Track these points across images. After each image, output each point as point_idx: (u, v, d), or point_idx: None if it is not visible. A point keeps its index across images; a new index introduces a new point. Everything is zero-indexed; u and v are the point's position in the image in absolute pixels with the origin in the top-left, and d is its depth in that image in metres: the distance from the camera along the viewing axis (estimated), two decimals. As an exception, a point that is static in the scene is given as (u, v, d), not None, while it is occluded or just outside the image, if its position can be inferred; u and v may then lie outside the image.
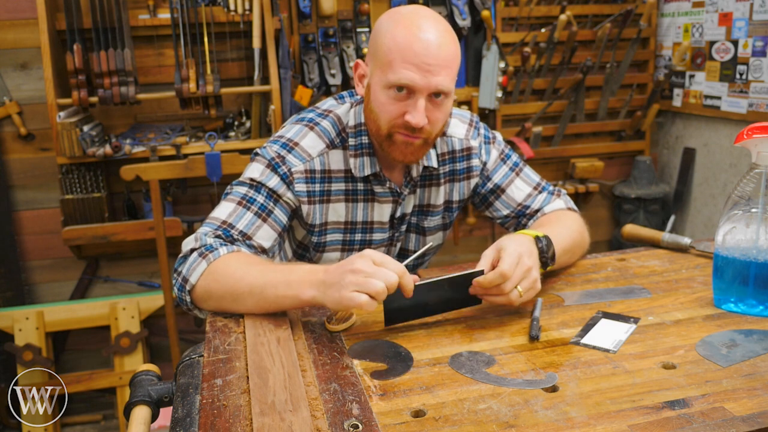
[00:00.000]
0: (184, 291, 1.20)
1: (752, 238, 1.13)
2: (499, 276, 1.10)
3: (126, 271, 2.90)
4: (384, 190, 1.38)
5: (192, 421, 0.87)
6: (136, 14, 2.60)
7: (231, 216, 1.26)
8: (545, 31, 2.96)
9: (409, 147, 1.26)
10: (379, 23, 1.25)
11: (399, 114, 1.22)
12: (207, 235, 1.23)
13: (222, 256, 1.18)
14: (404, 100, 1.21)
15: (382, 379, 0.95)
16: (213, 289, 1.16)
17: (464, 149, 1.45)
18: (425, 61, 1.17)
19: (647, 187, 3.16)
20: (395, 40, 1.19)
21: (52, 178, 2.72)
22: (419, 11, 1.23)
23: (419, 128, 1.22)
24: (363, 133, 1.33)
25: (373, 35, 1.26)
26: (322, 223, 1.37)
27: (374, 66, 1.24)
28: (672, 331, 1.09)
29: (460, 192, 1.48)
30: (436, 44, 1.18)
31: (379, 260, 1.04)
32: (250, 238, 1.26)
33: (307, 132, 1.34)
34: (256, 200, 1.29)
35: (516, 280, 1.12)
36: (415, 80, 1.18)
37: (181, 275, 1.20)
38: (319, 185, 1.34)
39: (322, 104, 1.41)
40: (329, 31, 2.72)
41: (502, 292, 1.12)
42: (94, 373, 2.69)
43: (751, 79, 2.66)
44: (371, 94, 1.26)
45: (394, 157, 1.29)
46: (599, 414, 0.84)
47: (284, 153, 1.31)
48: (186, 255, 1.22)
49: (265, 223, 1.28)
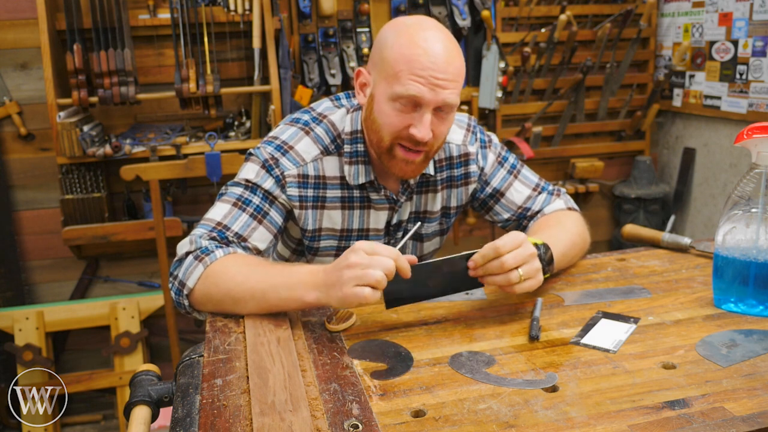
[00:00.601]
0: (182, 295, 1.19)
1: (752, 238, 1.13)
2: (492, 249, 1.09)
3: (126, 271, 2.91)
4: (380, 197, 1.36)
5: (192, 421, 0.87)
6: (136, 14, 2.60)
7: (226, 218, 1.25)
8: (545, 31, 2.96)
9: (409, 165, 1.25)
10: (383, 33, 1.24)
11: (403, 126, 1.21)
12: (202, 237, 1.22)
13: (219, 259, 1.18)
14: (409, 113, 1.20)
15: (382, 379, 0.95)
16: (212, 292, 1.16)
17: (462, 155, 1.44)
18: (434, 75, 1.16)
19: (647, 187, 3.16)
20: (402, 52, 1.17)
21: (52, 178, 2.72)
22: (424, 22, 1.22)
23: (423, 142, 1.21)
24: (359, 141, 1.32)
25: (377, 45, 1.24)
26: (315, 229, 1.36)
27: (379, 76, 1.22)
28: (672, 331, 1.09)
29: (458, 198, 1.47)
30: (445, 59, 1.17)
31: (371, 249, 1.04)
32: (246, 240, 1.25)
33: (303, 136, 1.32)
34: (252, 202, 1.28)
35: (516, 260, 1.10)
36: (423, 93, 1.17)
37: (178, 279, 1.19)
38: (312, 191, 1.32)
39: (317, 105, 1.39)
40: (329, 31, 2.72)
41: (501, 268, 1.09)
42: (94, 373, 2.69)
43: (751, 79, 2.66)
44: (375, 104, 1.24)
45: (392, 173, 1.28)
46: (599, 414, 0.84)
47: (278, 155, 1.30)
48: (181, 259, 1.21)
49: (260, 225, 1.27)
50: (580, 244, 1.39)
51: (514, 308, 1.20)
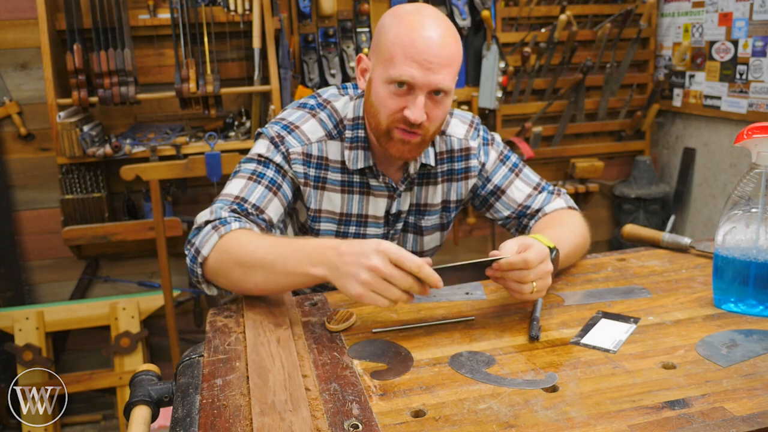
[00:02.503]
0: (196, 263, 1.21)
1: (752, 238, 1.13)
2: (523, 262, 1.09)
3: (126, 271, 2.91)
4: (379, 184, 1.39)
5: (192, 421, 0.87)
6: (136, 14, 2.60)
7: (243, 190, 1.29)
8: (545, 31, 2.96)
9: (406, 145, 1.27)
10: (383, 20, 1.27)
11: (398, 109, 1.23)
12: (222, 209, 1.25)
13: (234, 231, 1.20)
14: (404, 96, 1.23)
15: (382, 379, 0.95)
16: (224, 260, 1.17)
17: (463, 149, 1.45)
18: (427, 59, 1.19)
19: (647, 187, 3.16)
20: (398, 36, 1.20)
21: (52, 178, 2.72)
22: (423, 9, 1.24)
23: (417, 124, 1.23)
24: (360, 127, 1.35)
25: (377, 31, 1.28)
26: (317, 209, 1.39)
27: (376, 61, 1.26)
28: (672, 331, 1.09)
29: (458, 192, 1.48)
30: (439, 43, 1.20)
31: (395, 257, 1.01)
32: (263, 211, 1.28)
33: (309, 118, 1.37)
34: (266, 174, 1.31)
35: (537, 275, 1.11)
36: (415, 77, 1.19)
37: (194, 246, 1.22)
38: (314, 170, 1.36)
39: (324, 92, 1.43)
40: (329, 31, 2.72)
41: (521, 280, 1.10)
42: (94, 373, 2.69)
43: (751, 79, 2.66)
44: (372, 88, 1.27)
45: (391, 154, 1.30)
46: (599, 414, 0.84)
47: (284, 134, 1.34)
48: (200, 227, 1.23)
49: (275, 197, 1.31)
50: (582, 245, 1.40)
51: (514, 308, 1.20)
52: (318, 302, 1.25)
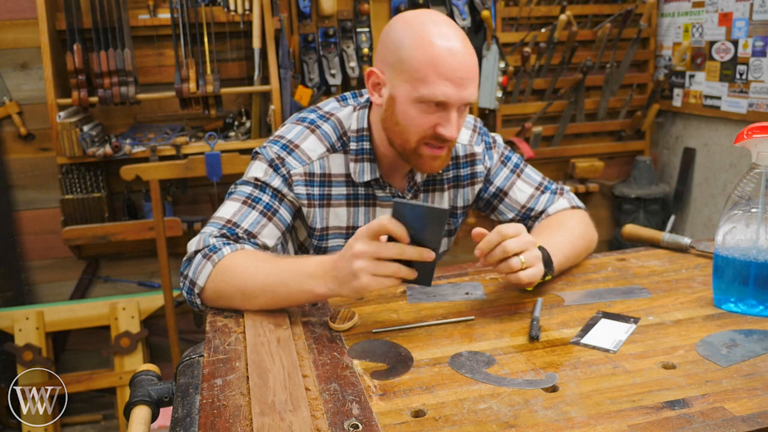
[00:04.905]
0: (193, 294, 1.19)
1: (752, 238, 1.13)
2: (497, 234, 1.10)
3: (126, 271, 2.91)
4: (386, 195, 1.37)
5: (192, 421, 0.87)
6: (136, 14, 2.60)
7: (236, 215, 1.26)
8: (545, 31, 2.96)
9: (436, 160, 1.26)
10: (395, 32, 1.21)
11: (429, 126, 1.21)
12: (211, 236, 1.23)
13: (228, 256, 1.18)
14: (434, 113, 1.20)
15: (382, 379, 0.95)
16: (223, 289, 1.16)
17: (468, 155, 1.44)
18: (459, 75, 1.16)
19: (647, 187, 3.16)
20: (425, 53, 1.16)
21: (52, 178, 2.72)
22: (436, 18, 1.20)
23: (452, 140, 1.22)
24: (364, 138, 1.32)
25: (391, 45, 1.21)
26: (324, 227, 1.37)
27: (398, 78, 1.20)
28: (672, 331, 1.09)
29: (465, 198, 1.48)
30: (464, 56, 1.17)
31: (367, 232, 1.03)
32: (255, 236, 1.26)
33: (309, 134, 1.33)
34: (262, 199, 1.28)
35: (518, 245, 1.11)
36: (450, 95, 1.17)
37: (188, 278, 1.20)
38: (318, 189, 1.33)
39: (324, 105, 1.39)
40: (329, 31, 2.72)
41: (505, 253, 1.11)
42: (94, 373, 2.69)
43: (751, 79, 2.66)
44: (396, 106, 1.22)
45: (420, 170, 1.29)
46: (599, 414, 0.84)
47: (284, 155, 1.31)
48: (190, 257, 1.21)
49: (270, 222, 1.28)
50: (582, 245, 1.39)
51: (514, 308, 1.20)
52: (318, 302, 1.25)
